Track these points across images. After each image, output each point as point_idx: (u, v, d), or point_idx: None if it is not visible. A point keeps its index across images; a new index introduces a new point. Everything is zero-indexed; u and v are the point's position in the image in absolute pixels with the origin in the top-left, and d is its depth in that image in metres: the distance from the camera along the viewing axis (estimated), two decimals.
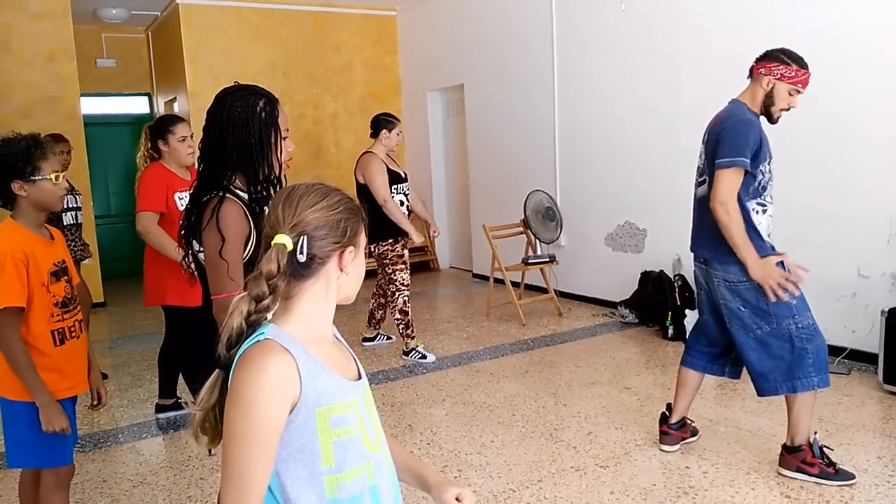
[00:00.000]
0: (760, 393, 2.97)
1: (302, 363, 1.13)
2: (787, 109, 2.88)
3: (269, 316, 1.18)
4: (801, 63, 2.82)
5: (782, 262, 2.88)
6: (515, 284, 6.32)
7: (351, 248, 1.21)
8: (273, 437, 1.10)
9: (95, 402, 2.46)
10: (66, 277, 2.28)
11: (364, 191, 4.84)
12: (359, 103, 8.59)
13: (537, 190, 6.17)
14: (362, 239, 1.25)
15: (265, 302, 1.15)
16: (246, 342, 1.15)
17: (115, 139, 8.97)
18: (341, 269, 1.21)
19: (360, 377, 1.28)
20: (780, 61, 2.82)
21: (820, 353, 2.88)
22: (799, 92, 2.84)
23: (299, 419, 1.13)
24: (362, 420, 1.22)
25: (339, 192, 1.24)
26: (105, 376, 4.87)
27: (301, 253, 1.16)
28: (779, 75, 2.82)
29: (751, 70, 2.92)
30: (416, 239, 4.93)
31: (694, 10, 5.17)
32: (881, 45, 4.10)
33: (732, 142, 2.78)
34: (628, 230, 5.98)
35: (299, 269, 1.17)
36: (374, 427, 1.26)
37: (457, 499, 1.31)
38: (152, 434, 3.89)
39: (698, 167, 3.04)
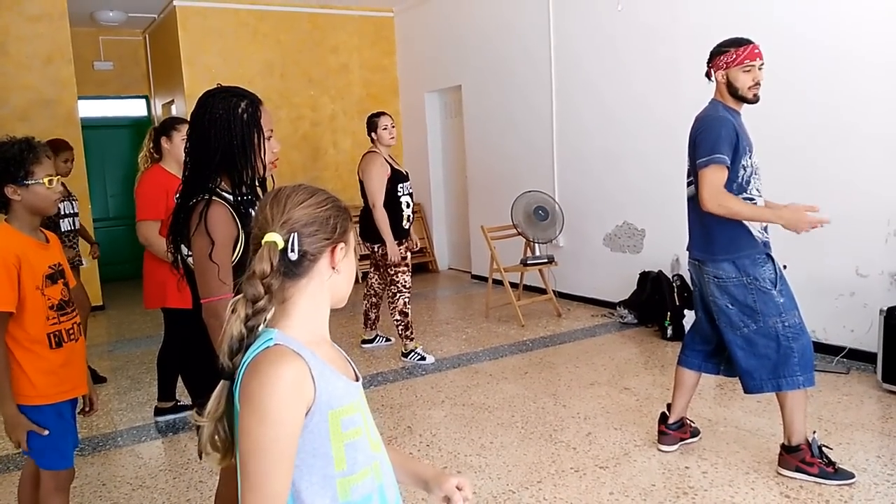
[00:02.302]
0: (746, 390, 3.00)
1: (313, 366, 1.12)
2: (757, 85, 2.92)
3: (267, 317, 1.16)
4: (738, 43, 2.90)
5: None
6: (514, 285, 6.32)
7: (342, 244, 1.21)
8: (292, 443, 1.09)
9: (87, 409, 2.45)
10: (62, 280, 2.27)
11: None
12: (357, 105, 8.59)
13: (524, 193, 6.11)
14: (352, 238, 1.25)
15: (261, 303, 1.13)
16: (252, 349, 1.13)
17: (113, 142, 8.97)
18: (333, 267, 1.20)
19: (357, 378, 1.28)
20: (720, 53, 2.94)
21: (805, 352, 2.89)
22: (753, 67, 2.89)
23: (313, 423, 1.12)
24: (366, 420, 1.23)
25: (326, 192, 1.24)
26: (104, 380, 4.88)
27: (293, 251, 1.15)
28: (724, 64, 2.92)
29: (707, 74, 3.02)
30: (391, 254, 4.77)
31: (691, 9, 5.18)
32: (879, 43, 4.11)
33: (706, 140, 2.85)
34: (627, 231, 5.98)
35: (292, 268, 1.16)
36: (373, 427, 1.27)
37: (457, 487, 1.31)
38: (151, 437, 3.89)
39: (687, 169, 3.08)
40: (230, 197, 1.91)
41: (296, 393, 1.09)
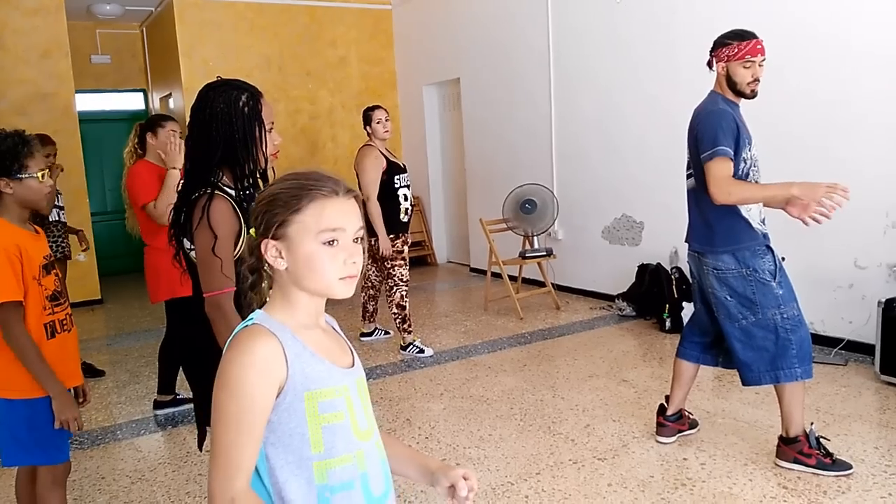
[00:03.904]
0: (745, 382, 3.01)
1: (289, 347, 1.15)
2: (755, 82, 2.89)
3: (263, 300, 1.23)
4: (742, 37, 2.86)
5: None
6: (513, 278, 6.31)
7: (266, 241, 1.18)
8: (259, 418, 1.12)
9: (80, 400, 2.43)
10: (54, 271, 2.28)
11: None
12: (355, 98, 8.56)
13: (514, 189, 6.06)
14: (293, 231, 1.17)
15: (246, 285, 1.24)
16: (237, 328, 1.19)
17: (110, 136, 8.93)
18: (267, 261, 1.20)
19: (353, 365, 1.29)
20: (722, 45, 2.90)
21: (804, 344, 2.90)
22: (754, 63, 2.85)
23: (286, 402, 1.15)
24: (353, 407, 1.23)
25: (283, 181, 1.21)
26: (102, 373, 4.88)
27: None
28: (725, 57, 2.89)
29: (708, 63, 2.99)
30: (383, 248, 4.77)
31: None
32: (878, 34, 4.09)
33: (707, 134, 2.83)
34: (625, 223, 5.98)
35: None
36: (366, 416, 1.27)
37: (463, 477, 1.32)
38: (150, 430, 3.89)
39: (687, 161, 3.07)
40: (232, 191, 1.90)
41: (265, 370, 1.12)
